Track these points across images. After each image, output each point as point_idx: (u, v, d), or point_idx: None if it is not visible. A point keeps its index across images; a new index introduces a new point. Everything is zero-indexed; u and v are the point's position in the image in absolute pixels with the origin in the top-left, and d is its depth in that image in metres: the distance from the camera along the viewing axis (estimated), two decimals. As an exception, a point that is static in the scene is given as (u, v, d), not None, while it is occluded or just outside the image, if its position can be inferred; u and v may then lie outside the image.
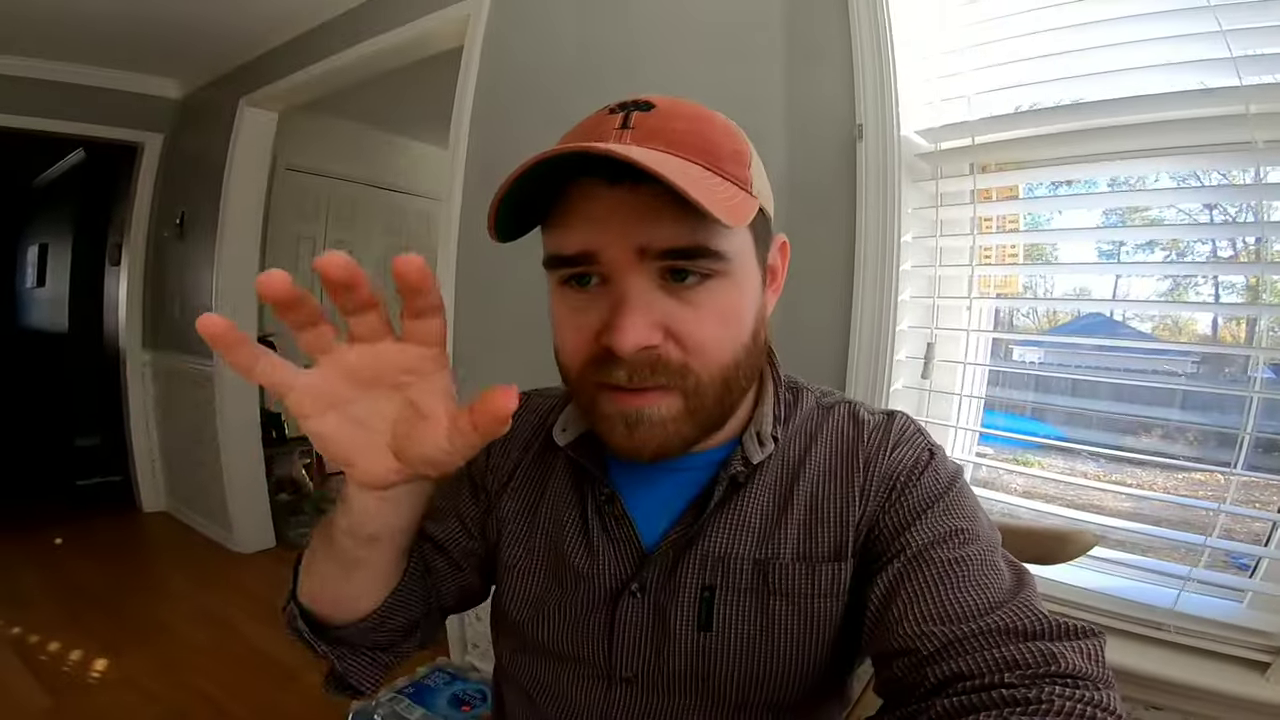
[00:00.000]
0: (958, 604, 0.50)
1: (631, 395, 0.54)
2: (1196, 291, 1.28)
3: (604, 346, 0.53)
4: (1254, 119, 0.97)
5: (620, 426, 0.55)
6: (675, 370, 0.54)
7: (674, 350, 0.53)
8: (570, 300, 0.56)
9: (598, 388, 0.56)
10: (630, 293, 0.52)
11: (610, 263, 0.52)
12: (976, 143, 1.24)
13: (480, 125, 2.07)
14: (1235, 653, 0.99)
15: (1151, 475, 1.24)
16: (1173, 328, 1.32)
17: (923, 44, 1.32)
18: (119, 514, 3.85)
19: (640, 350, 0.52)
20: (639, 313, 0.51)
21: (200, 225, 3.41)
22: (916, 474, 0.61)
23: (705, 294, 0.53)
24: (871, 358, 1.29)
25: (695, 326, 0.53)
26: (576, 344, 0.56)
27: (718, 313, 0.54)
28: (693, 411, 0.55)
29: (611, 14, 1.78)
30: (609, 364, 0.53)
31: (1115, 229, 1.28)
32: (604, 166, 0.49)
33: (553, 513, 0.69)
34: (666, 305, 0.53)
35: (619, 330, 0.51)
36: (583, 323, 0.55)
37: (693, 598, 0.61)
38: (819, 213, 1.37)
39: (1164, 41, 1.08)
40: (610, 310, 0.53)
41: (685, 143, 0.53)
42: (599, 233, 0.52)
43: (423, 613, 0.69)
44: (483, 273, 2.04)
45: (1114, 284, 1.35)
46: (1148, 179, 1.17)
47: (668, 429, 0.55)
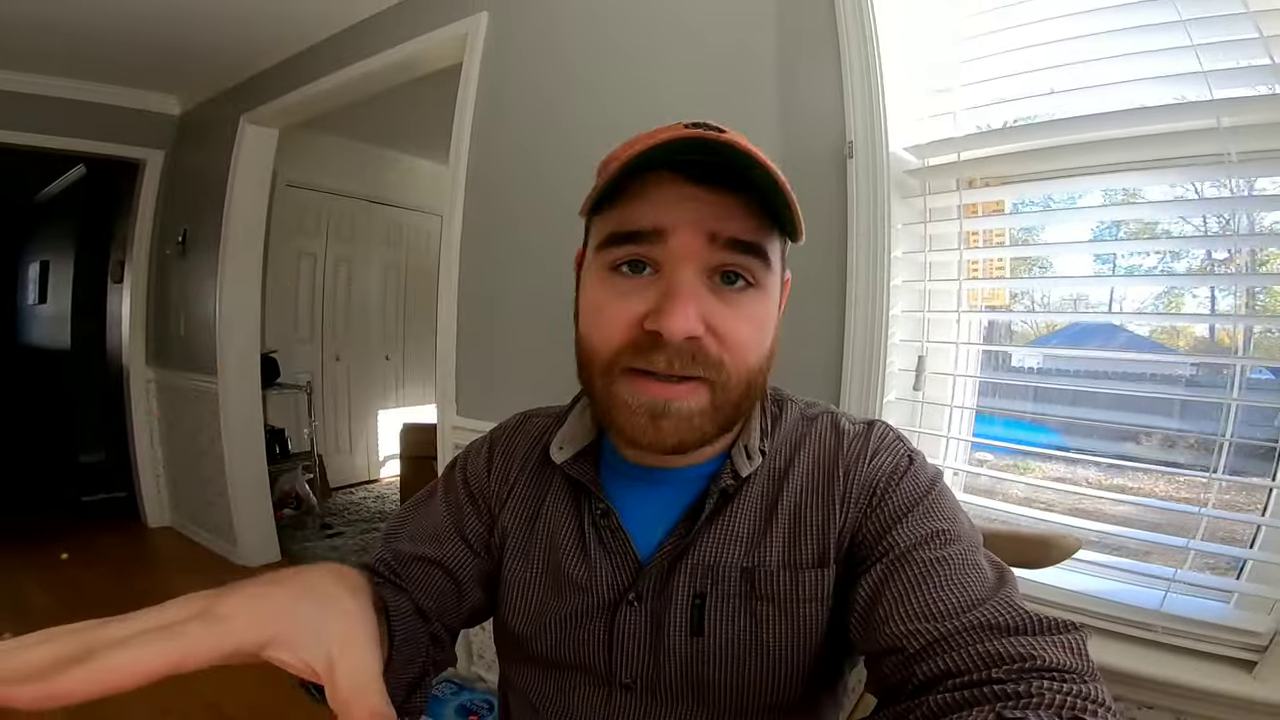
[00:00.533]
0: (941, 602, 0.52)
1: (664, 385, 0.57)
2: (1194, 294, 1.29)
3: (649, 331, 0.56)
4: (1225, 132, 1.01)
5: (644, 417, 0.57)
6: (713, 363, 0.57)
7: (713, 344, 0.57)
8: (617, 285, 0.59)
9: (627, 374, 0.58)
10: (685, 282, 0.55)
11: (677, 246, 0.56)
12: (962, 159, 1.27)
13: (480, 142, 2.10)
14: (1223, 652, 1.02)
15: (1150, 480, 1.26)
16: (1170, 331, 1.34)
17: (910, 61, 1.35)
18: (124, 529, 3.87)
19: (686, 339, 0.55)
20: (692, 301, 0.55)
21: (203, 242, 3.43)
22: (896, 479, 0.63)
23: (744, 300, 0.58)
24: (864, 370, 1.32)
25: (734, 326, 0.57)
26: (617, 327, 0.58)
27: (752, 319, 0.59)
28: (717, 408, 0.58)
29: (607, 33, 1.82)
30: (650, 349, 0.56)
31: (1101, 242, 1.31)
32: (686, 166, 0.55)
33: (550, 527, 0.72)
34: (711, 303, 0.57)
35: (670, 315, 0.54)
36: (628, 307, 0.57)
37: (685, 605, 0.64)
38: (812, 229, 1.37)
39: (1139, 56, 1.11)
40: (661, 297, 0.56)
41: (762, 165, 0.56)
42: (675, 213, 0.56)
43: (422, 669, 0.66)
44: (484, 287, 2.07)
45: (1110, 291, 1.38)
46: (1141, 191, 1.20)
47: (692, 423, 0.58)
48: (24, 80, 3.31)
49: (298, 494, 4.07)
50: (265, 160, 3.37)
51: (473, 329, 2.11)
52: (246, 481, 3.39)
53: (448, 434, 2.15)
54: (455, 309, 2.12)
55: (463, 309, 2.12)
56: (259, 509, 3.46)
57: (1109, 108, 1.14)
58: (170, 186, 3.80)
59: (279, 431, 4.04)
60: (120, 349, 3.95)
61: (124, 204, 3.98)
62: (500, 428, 0.83)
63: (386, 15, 2.52)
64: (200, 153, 3.57)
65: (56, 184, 5.04)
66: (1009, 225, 1.35)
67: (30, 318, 5.59)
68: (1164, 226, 1.25)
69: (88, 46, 3.02)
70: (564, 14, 1.92)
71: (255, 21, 2.80)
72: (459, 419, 2.13)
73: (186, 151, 3.74)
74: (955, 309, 1.31)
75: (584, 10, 1.88)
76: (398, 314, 5.27)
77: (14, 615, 2.72)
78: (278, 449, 3.97)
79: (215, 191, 3.32)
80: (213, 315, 3.32)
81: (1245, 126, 1.01)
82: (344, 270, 4.84)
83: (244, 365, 3.39)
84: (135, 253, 3.82)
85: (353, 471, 5.02)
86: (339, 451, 4.90)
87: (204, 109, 3.64)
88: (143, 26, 2.82)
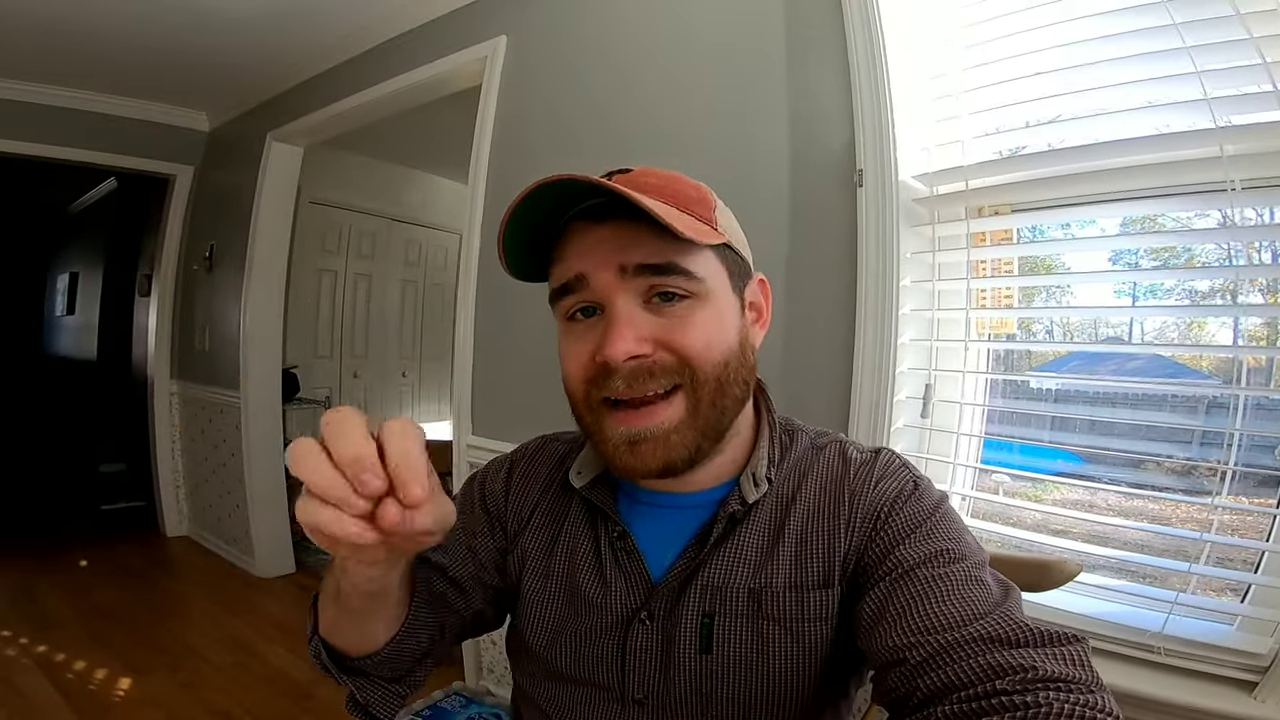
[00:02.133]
0: (942, 615, 0.53)
1: (633, 414, 0.61)
2: (1217, 320, 1.27)
3: (600, 362, 0.60)
4: (1229, 160, 1.02)
5: (624, 445, 0.61)
6: (672, 370, 0.61)
7: (666, 355, 0.61)
8: (574, 331, 0.65)
9: (601, 407, 0.62)
10: (618, 310, 0.60)
11: (599, 285, 0.61)
12: (970, 187, 1.29)
13: (498, 163, 2.15)
14: (1224, 673, 1.02)
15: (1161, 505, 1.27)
16: (1195, 354, 1.34)
17: (919, 89, 1.38)
18: (142, 538, 3.93)
19: (631, 359, 0.59)
20: (626, 325, 0.60)
21: (228, 258, 3.50)
22: (901, 502, 0.65)
23: (686, 311, 0.62)
24: (873, 398, 1.33)
25: (681, 334, 0.61)
26: (578, 365, 0.63)
27: (699, 325, 0.62)
28: (694, 414, 0.62)
29: (622, 58, 1.87)
30: (606, 378, 0.61)
31: (1110, 271, 1.32)
32: (591, 210, 0.61)
33: (568, 548, 0.75)
34: (653, 323, 0.61)
35: (609, 342, 0.59)
36: (582, 348, 0.63)
37: (694, 624, 0.66)
38: (823, 258, 1.42)
39: (1143, 84, 1.14)
40: (603, 330, 0.61)
41: (656, 190, 0.62)
42: (587, 258, 0.61)
43: (430, 641, 0.72)
44: (501, 307, 2.10)
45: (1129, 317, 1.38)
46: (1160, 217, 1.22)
47: (670, 440, 0.61)
48: (59, 94, 3.40)
49: (314, 507, 4.08)
50: (290, 178, 3.44)
51: (489, 348, 2.14)
52: (265, 494, 3.44)
53: (463, 452, 2.18)
54: (472, 328, 2.16)
55: (480, 328, 2.15)
56: (276, 521, 3.50)
57: (1114, 136, 1.16)
58: (198, 202, 3.88)
59: (299, 445, 4.07)
60: (145, 362, 4.03)
61: (153, 218, 4.07)
62: (521, 450, 0.87)
63: (408, 38, 2.59)
64: (228, 169, 3.65)
65: (88, 196, 5.15)
66: (1017, 254, 1.36)
67: (58, 328, 5.70)
68: (1178, 253, 1.26)
69: (121, 62, 3.11)
70: (580, 40, 1.98)
71: (283, 40, 2.88)
72: (474, 438, 2.16)
73: (215, 168, 3.82)
74: (963, 338, 1.33)
75: (599, 36, 1.93)
76: (415, 332, 5.32)
77: (33, 621, 2.77)
78: (296, 462, 4.00)
79: (242, 208, 3.39)
80: (237, 330, 3.38)
81: (1248, 155, 1.03)
82: (364, 287, 4.91)
83: (266, 380, 3.45)
84: (163, 267, 3.90)
85: (369, 486, 5.02)
86: (357, 466, 4.90)
87: (232, 126, 3.72)
88: (175, 43, 2.90)
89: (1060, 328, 1.45)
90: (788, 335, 1.44)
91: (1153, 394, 1.30)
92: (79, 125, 3.50)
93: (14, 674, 2.35)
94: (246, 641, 2.73)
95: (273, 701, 2.28)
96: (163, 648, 2.59)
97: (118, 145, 3.64)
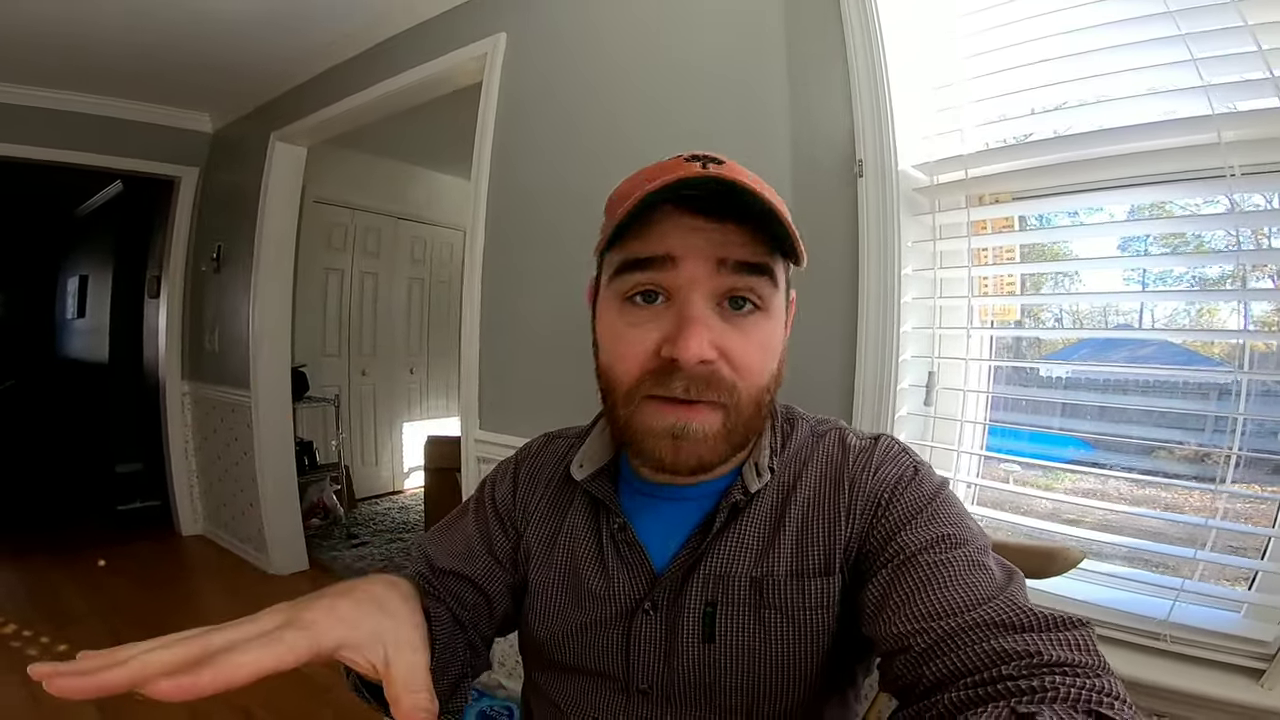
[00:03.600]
0: (946, 601, 0.53)
1: (682, 408, 0.60)
2: (1229, 283, 1.21)
3: (666, 359, 0.59)
4: (1226, 147, 1.01)
5: (666, 440, 0.61)
6: (726, 387, 0.60)
7: (726, 369, 0.60)
8: (631, 316, 0.62)
9: (648, 400, 0.61)
10: (696, 309, 0.59)
11: (689, 272, 0.59)
12: (970, 175, 1.28)
13: (500, 159, 2.15)
14: (1231, 660, 1.02)
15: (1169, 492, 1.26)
16: (1206, 340, 1.32)
17: (917, 78, 1.38)
18: (158, 537, 3.98)
19: (700, 364, 0.58)
20: (704, 326, 0.58)
21: (236, 258, 3.53)
22: (902, 488, 0.65)
23: (753, 324, 0.61)
24: (876, 386, 1.34)
25: (744, 350, 0.61)
26: (636, 354, 0.61)
27: (760, 342, 0.62)
28: (730, 430, 0.62)
29: (622, 53, 1.86)
30: (668, 376, 0.59)
31: (1114, 258, 1.32)
32: (690, 199, 0.58)
33: (571, 541, 0.76)
34: (722, 328, 0.60)
35: (685, 341, 0.57)
36: (644, 336, 0.61)
37: (697, 613, 0.67)
38: (824, 247, 1.42)
39: (1140, 72, 1.13)
40: (674, 325, 0.59)
41: (761, 187, 0.60)
42: (683, 242, 0.59)
43: (464, 665, 0.72)
44: (506, 303, 2.11)
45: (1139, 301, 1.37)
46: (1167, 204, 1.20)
47: (709, 443, 0.61)
48: (64, 98, 3.42)
49: (325, 504, 4.14)
50: (295, 177, 3.46)
51: (495, 344, 2.15)
52: (277, 492, 3.47)
53: (470, 447, 2.19)
54: (478, 324, 2.17)
55: (485, 324, 2.16)
56: (289, 519, 3.54)
57: (1112, 124, 1.16)
58: (204, 203, 3.91)
59: (308, 444, 4.13)
60: (157, 363, 4.07)
61: (160, 220, 4.09)
62: (525, 448, 0.88)
63: (409, 35, 2.59)
64: (232, 170, 3.67)
65: (95, 199, 5.19)
66: (1018, 242, 1.36)
67: (69, 331, 5.75)
68: (1187, 239, 1.25)
69: (125, 65, 3.12)
70: (579, 35, 1.97)
71: (284, 40, 2.88)
72: (481, 433, 2.17)
73: (219, 169, 3.84)
74: (965, 325, 1.33)
75: (599, 31, 1.93)
76: (422, 328, 5.35)
77: (53, 619, 2.81)
78: (306, 461, 4.06)
79: (248, 208, 3.41)
80: (246, 330, 3.41)
81: (1246, 141, 1.02)
82: (370, 285, 4.94)
83: (275, 379, 3.47)
84: (171, 268, 3.94)
85: (378, 483, 5.10)
86: (365, 463, 4.98)
87: (236, 127, 3.74)
88: (177, 45, 2.91)
89: (1071, 315, 1.44)
90: (792, 326, 1.43)
91: (1164, 380, 1.29)
92: (84, 129, 3.52)
93: (34, 671, 2.39)
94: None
95: (292, 698, 2.31)
96: (180, 645, 2.62)
97: (123, 148, 3.66)
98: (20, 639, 2.63)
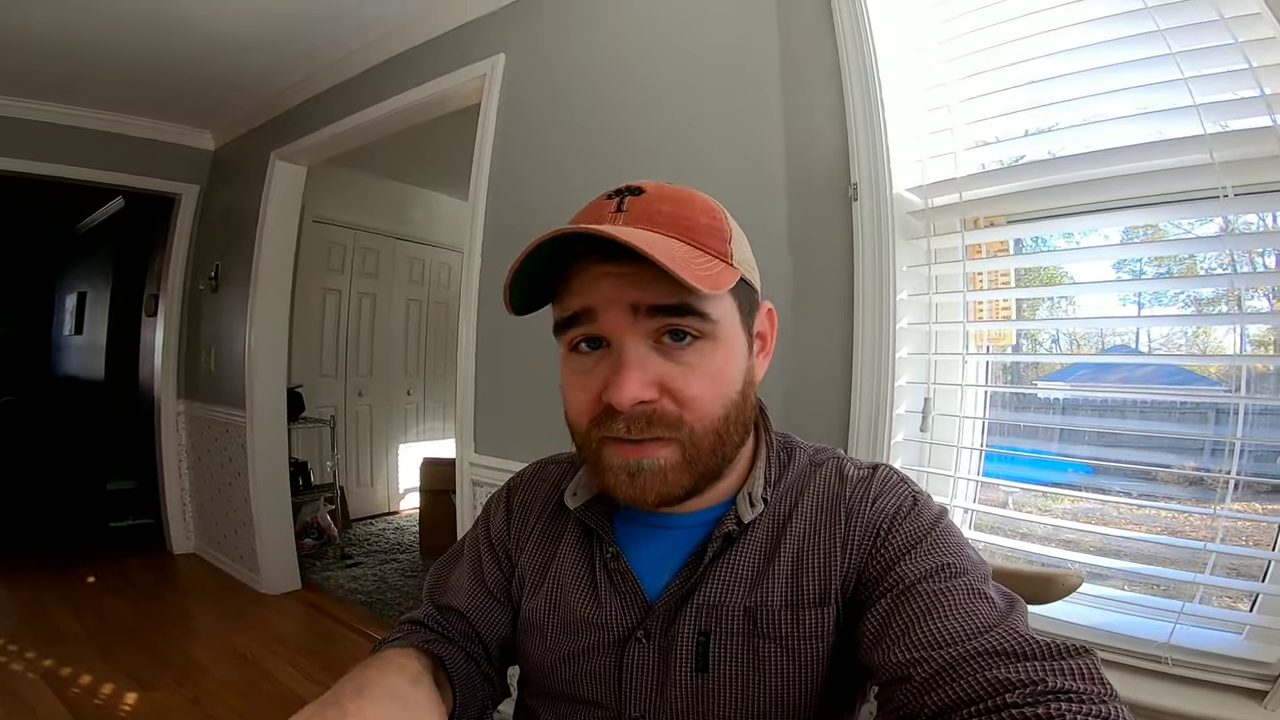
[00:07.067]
0: (947, 630, 0.53)
1: (633, 447, 0.60)
2: (1224, 304, 1.22)
3: (606, 403, 0.59)
4: (1220, 168, 1.02)
5: (623, 476, 0.61)
6: (671, 423, 0.60)
7: (669, 405, 0.60)
8: (576, 364, 0.63)
9: (602, 442, 0.62)
10: (628, 353, 0.59)
11: (609, 322, 0.59)
12: (965, 199, 1.29)
13: (498, 180, 2.16)
14: (1233, 682, 1.01)
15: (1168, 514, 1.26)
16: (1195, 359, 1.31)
17: (911, 101, 1.38)
18: (150, 555, 3.95)
19: (637, 405, 0.58)
20: (636, 370, 0.58)
21: (234, 277, 3.53)
22: (900, 518, 0.65)
23: (695, 355, 0.60)
24: (872, 412, 1.33)
25: (686, 383, 0.60)
26: (583, 403, 0.62)
27: (707, 373, 0.60)
28: (690, 461, 0.61)
29: (621, 76, 1.88)
30: (610, 419, 0.60)
31: (1107, 282, 1.32)
32: (602, 245, 0.57)
33: (563, 569, 0.75)
34: (662, 365, 0.59)
35: (617, 387, 0.57)
36: (588, 383, 0.62)
37: (690, 642, 0.66)
38: (820, 272, 1.42)
39: (1132, 92, 1.13)
40: (611, 370, 0.59)
41: (670, 222, 0.60)
42: (598, 294, 0.59)
43: (482, 705, 0.74)
44: (504, 324, 2.10)
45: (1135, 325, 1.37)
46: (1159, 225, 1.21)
47: (667, 478, 0.61)
48: (67, 113, 3.43)
49: (319, 525, 4.12)
50: (294, 196, 3.47)
51: (491, 367, 2.14)
52: (270, 512, 3.45)
53: (466, 470, 2.18)
54: (474, 347, 2.16)
55: (481, 347, 2.16)
56: (281, 538, 3.51)
57: (1107, 145, 1.16)
58: (204, 221, 3.92)
59: (303, 464, 4.12)
60: (152, 381, 4.05)
61: (159, 238, 4.11)
62: (518, 476, 0.87)
63: (409, 56, 2.62)
64: (232, 188, 3.68)
65: (96, 216, 5.21)
66: (1013, 266, 1.36)
67: (67, 348, 5.75)
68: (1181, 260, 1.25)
69: (129, 81, 3.14)
70: (578, 58, 1.99)
71: (287, 60, 2.92)
72: (477, 456, 2.16)
73: (220, 187, 3.85)
74: (961, 351, 1.32)
75: (596, 56, 1.95)
76: (419, 349, 5.35)
77: (43, 635, 2.79)
78: (301, 481, 4.04)
79: (246, 227, 3.42)
80: (242, 350, 3.40)
81: (1239, 161, 1.02)
82: (368, 306, 4.94)
83: (271, 400, 3.46)
84: (169, 287, 3.94)
85: (373, 503, 5.07)
86: (360, 484, 4.96)
87: (237, 145, 3.76)
88: (182, 63, 2.94)
89: (1068, 338, 1.44)
90: (787, 352, 1.44)
91: (1161, 402, 1.29)
92: (86, 144, 3.54)
93: (21, 687, 2.36)
94: (253, 657, 2.73)
95: (279, 717, 2.27)
96: (170, 662, 2.60)
97: (125, 164, 3.67)
98: (7, 654, 2.60)
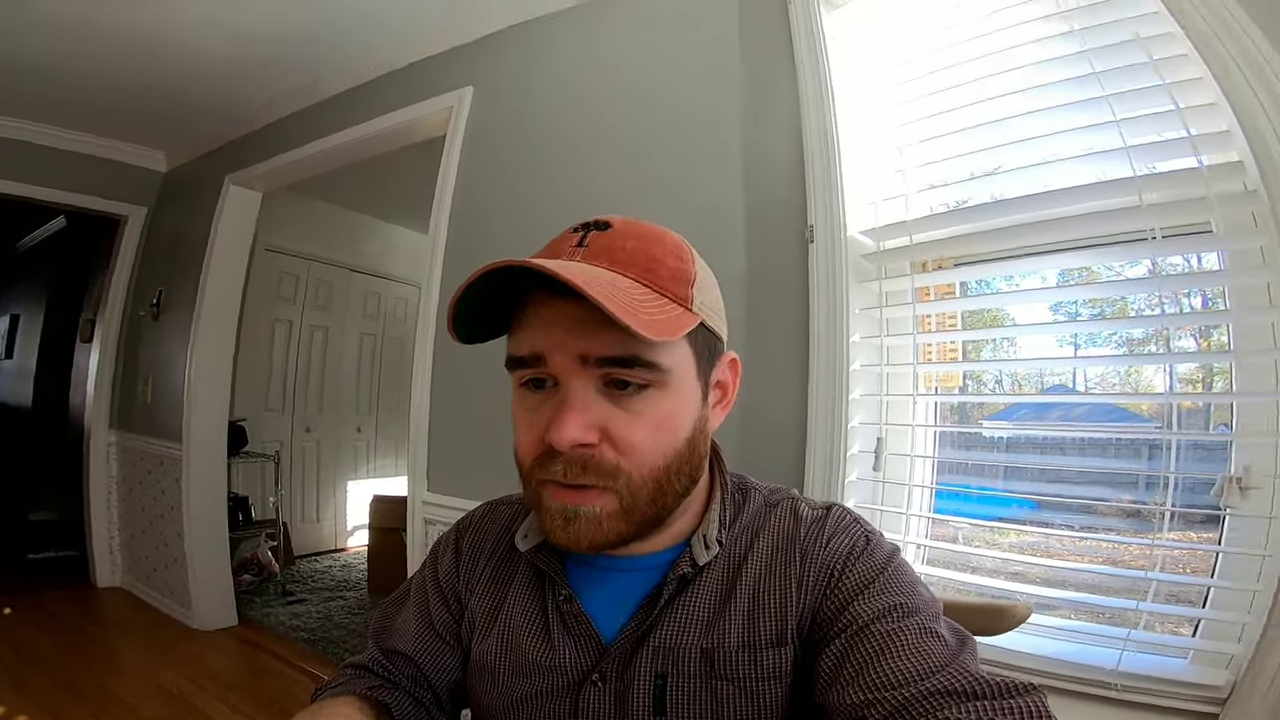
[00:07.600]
0: (899, 670, 0.53)
1: (569, 491, 0.59)
2: (1154, 343, 1.29)
3: (548, 443, 0.58)
4: (1148, 210, 1.07)
5: (559, 520, 0.60)
6: (608, 471, 0.59)
7: (609, 451, 0.59)
8: (526, 401, 0.62)
9: (544, 484, 0.61)
10: (573, 395, 0.58)
11: (557, 366, 0.59)
12: (914, 242, 1.33)
13: (460, 213, 2.16)
14: (1184, 706, 1.04)
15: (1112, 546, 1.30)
16: (1133, 391, 1.39)
17: (865, 145, 1.44)
18: (72, 588, 3.75)
19: (576, 447, 0.57)
20: (577, 412, 0.57)
21: (177, 305, 3.40)
22: (854, 559, 0.65)
23: (642, 402, 0.59)
24: (827, 453, 1.35)
25: (628, 431, 0.59)
26: (528, 442, 0.62)
27: (653, 420, 0.60)
28: (627, 510, 0.60)
29: (582, 114, 1.91)
30: (550, 461, 0.59)
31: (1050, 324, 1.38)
32: (553, 281, 0.55)
33: (515, 611, 0.73)
34: (605, 410, 0.59)
35: (558, 428, 0.56)
36: (534, 422, 0.61)
37: (647, 685, 0.65)
38: (776, 313, 1.45)
39: (1069, 135, 1.19)
40: (555, 410, 0.59)
41: (631, 260, 0.60)
42: (547, 338, 0.58)
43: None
44: (460, 361, 2.06)
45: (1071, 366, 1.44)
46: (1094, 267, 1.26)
47: (602, 525, 0.60)
48: (10, 125, 3.29)
49: (259, 560, 3.97)
50: (247, 223, 3.39)
51: (447, 404, 2.11)
52: (206, 547, 3.31)
53: (418, 509, 2.13)
54: (429, 383, 2.13)
55: (437, 383, 2.13)
56: (217, 574, 3.38)
57: (1049, 187, 1.21)
58: (149, 245, 3.79)
59: (243, 499, 3.97)
60: (83, 410, 3.87)
61: (100, 261, 3.94)
62: (468, 517, 0.86)
63: (376, 84, 2.62)
64: (182, 212, 3.57)
65: (35, 235, 5.01)
66: (960, 308, 1.40)
67: (-6, 372, 5.47)
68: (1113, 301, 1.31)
69: (80, 96, 3.03)
70: (543, 95, 2.02)
71: (249, 83, 2.86)
72: (430, 494, 2.11)
73: (169, 209, 3.73)
74: (911, 392, 1.35)
75: (563, 92, 1.98)
76: (371, 384, 5.24)
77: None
78: (241, 516, 3.90)
79: (194, 253, 3.32)
80: (182, 381, 3.28)
81: (1165, 204, 1.08)
82: (319, 339, 4.82)
83: (210, 433, 3.34)
84: (108, 312, 3.78)
85: (319, 540, 4.90)
86: (305, 520, 4.79)
87: (191, 167, 3.66)
88: (137, 79, 2.84)
89: (1010, 378, 1.49)
90: (743, 393, 1.43)
91: (1098, 439, 1.35)
92: (29, 159, 3.39)
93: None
94: (180, 693, 2.60)
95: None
96: (87, 697, 2.45)
97: (69, 182, 3.52)
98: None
